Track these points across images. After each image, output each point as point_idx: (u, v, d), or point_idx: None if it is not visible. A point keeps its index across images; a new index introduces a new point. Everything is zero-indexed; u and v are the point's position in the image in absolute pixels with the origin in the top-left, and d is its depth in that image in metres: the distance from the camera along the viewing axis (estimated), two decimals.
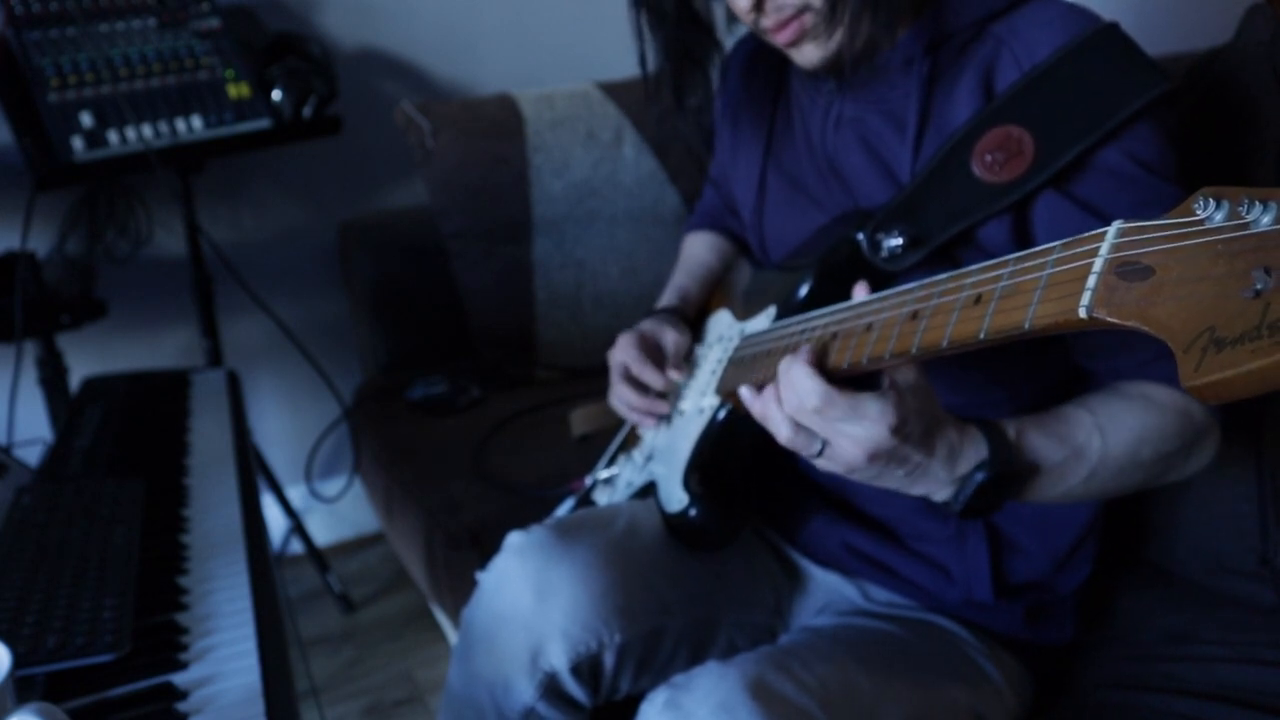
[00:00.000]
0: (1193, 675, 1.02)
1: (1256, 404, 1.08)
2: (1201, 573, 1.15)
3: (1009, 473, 0.81)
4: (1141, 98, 0.84)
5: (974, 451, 0.80)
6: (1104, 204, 0.85)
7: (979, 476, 0.80)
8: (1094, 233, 0.58)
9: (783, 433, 0.80)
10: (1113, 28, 0.87)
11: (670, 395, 1.14)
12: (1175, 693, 1.00)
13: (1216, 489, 1.12)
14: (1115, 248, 0.56)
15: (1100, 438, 0.84)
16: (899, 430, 0.75)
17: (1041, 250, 0.62)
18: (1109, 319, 0.54)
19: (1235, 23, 1.13)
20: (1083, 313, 0.56)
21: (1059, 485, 0.85)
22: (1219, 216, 0.50)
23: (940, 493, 0.82)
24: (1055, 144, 0.85)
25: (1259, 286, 0.46)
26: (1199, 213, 0.51)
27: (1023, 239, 0.90)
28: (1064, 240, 0.61)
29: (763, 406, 0.82)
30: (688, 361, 1.15)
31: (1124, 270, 0.54)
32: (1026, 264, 0.63)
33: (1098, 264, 0.56)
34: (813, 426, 0.78)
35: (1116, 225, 0.57)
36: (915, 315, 0.72)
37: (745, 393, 0.85)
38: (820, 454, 0.79)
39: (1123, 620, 1.14)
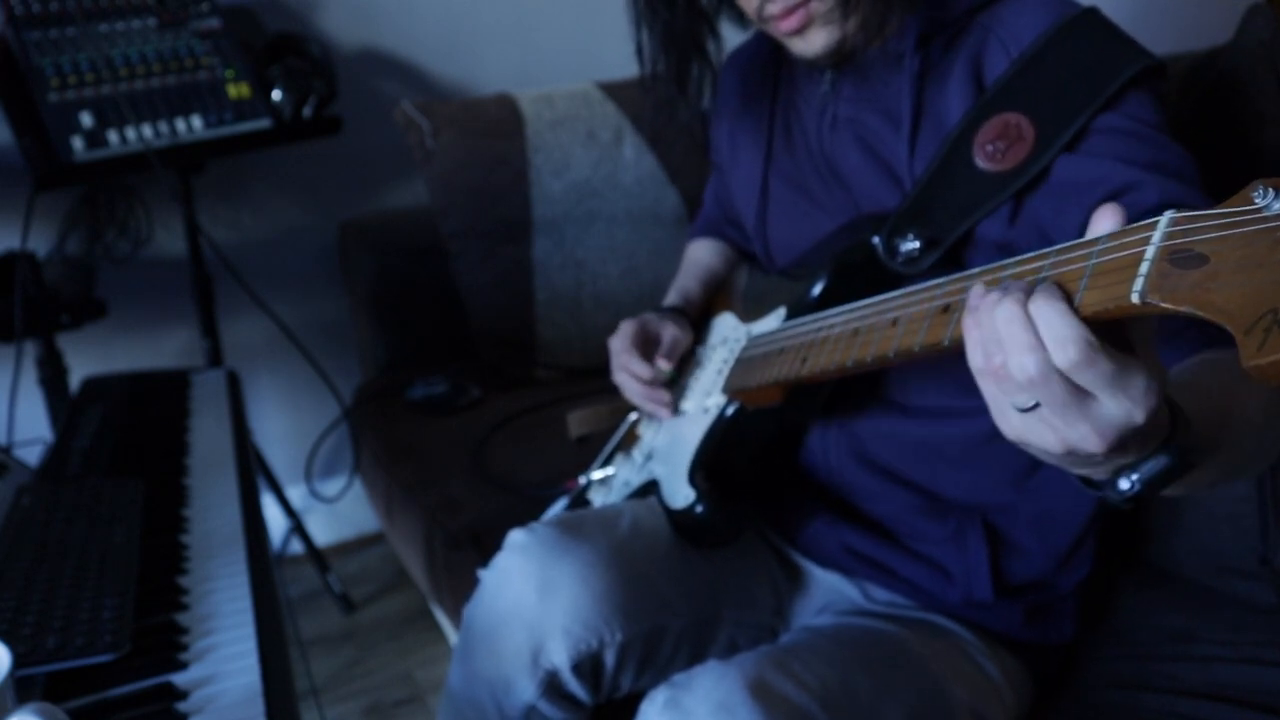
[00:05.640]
0: (1193, 675, 1.02)
1: None
2: (1201, 573, 1.15)
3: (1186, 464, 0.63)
4: (1130, 69, 0.85)
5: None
6: (1127, 153, 0.84)
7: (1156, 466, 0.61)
8: (1144, 223, 0.57)
9: (988, 366, 0.60)
10: (1093, 11, 0.89)
11: (671, 385, 1.14)
12: (1175, 693, 1.00)
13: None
14: (1168, 235, 0.55)
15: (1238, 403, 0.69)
16: (1156, 414, 0.58)
17: (1084, 242, 0.61)
18: (1163, 304, 0.54)
19: (1235, 23, 1.12)
20: (1135, 298, 0.55)
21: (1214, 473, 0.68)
22: (1278, 205, 0.50)
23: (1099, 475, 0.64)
24: (1054, 123, 0.86)
25: None
26: (1257, 201, 0.51)
27: (1025, 222, 0.89)
28: (1109, 232, 0.59)
29: (977, 326, 0.60)
30: (688, 359, 1.15)
31: (1176, 258, 0.54)
32: (1069, 255, 0.61)
33: (1150, 251, 0.55)
34: (1044, 383, 0.57)
35: (1169, 215, 0.56)
36: (947, 308, 0.71)
37: (977, 291, 0.62)
38: (1028, 410, 0.59)
39: (1123, 620, 1.14)
